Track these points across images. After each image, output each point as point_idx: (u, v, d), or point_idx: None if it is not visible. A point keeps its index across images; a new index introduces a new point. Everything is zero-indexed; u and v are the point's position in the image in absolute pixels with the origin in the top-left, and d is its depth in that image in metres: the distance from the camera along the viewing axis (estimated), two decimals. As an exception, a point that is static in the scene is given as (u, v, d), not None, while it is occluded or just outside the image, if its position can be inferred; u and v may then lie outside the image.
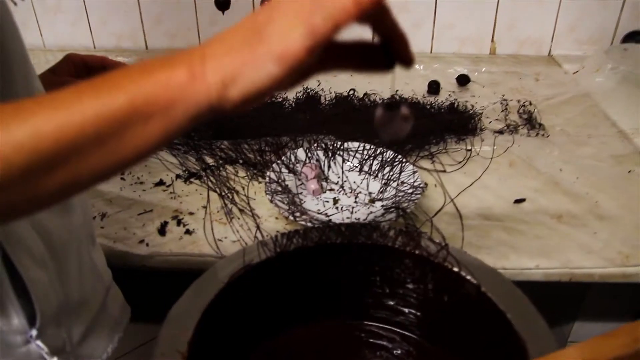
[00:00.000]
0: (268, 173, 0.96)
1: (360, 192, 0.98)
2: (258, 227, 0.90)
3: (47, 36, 1.61)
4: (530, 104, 1.31)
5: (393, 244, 0.69)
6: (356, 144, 1.04)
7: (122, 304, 0.77)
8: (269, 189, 0.92)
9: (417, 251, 0.68)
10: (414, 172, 0.96)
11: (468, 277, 0.64)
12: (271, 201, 0.89)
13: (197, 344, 0.57)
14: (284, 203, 0.89)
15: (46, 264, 0.59)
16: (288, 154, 1.02)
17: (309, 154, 1.02)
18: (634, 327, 0.47)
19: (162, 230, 0.91)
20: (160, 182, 1.03)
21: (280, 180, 0.95)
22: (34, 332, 0.58)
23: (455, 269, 0.65)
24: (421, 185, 0.93)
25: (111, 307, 0.74)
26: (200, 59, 0.39)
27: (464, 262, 0.66)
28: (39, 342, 0.59)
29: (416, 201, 0.89)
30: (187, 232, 0.91)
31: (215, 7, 1.19)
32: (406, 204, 0.89)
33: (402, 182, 0.95)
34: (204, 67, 0.38)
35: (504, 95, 1.37)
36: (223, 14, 1.21)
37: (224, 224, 0.92)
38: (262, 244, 0.68)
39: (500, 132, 1.20)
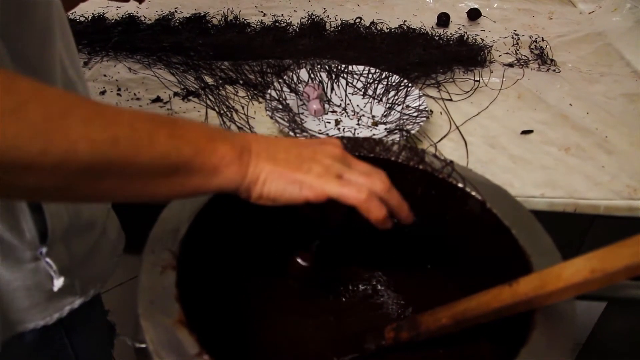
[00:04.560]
0: (269, 91, 0.93)
1: (363, 115, 0.94)
2: (256, 145, 0.87)
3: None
4: (543, 40, 1.26)
5: (396, 159, 0.66)
6: (361, 68, 1.00)
7: (119, 229, 0.77)
8: (269, 106, 0.89)
9: (420, 166, 0.65)
10: (420, 97, 0.93)
11: (473, 193, 0.62)
12: (271, 117, 0.86)
13: (188, 245, 0.55)
14: (284, 120, 0.86)
15: None
16: (290, 74, 0.99)
17: (312, 75, 0.98)
18: (645, 236, 0.45)
19: (157, 145, 0.88)
20: (158, 99, 1.00)
21: (281, 99, 0.92)
22: (44, 249, 0.57)
23: (460, 185, 0.63)
24: (426, 109, 0.90)
25: (110, 231, 0.73)
26: (248, 152, 0.45)
27: (469, 179, 0.63)
28: (48, 260, 0.58)
29: (421, 124, 0.86)
30: (184, 147, 0.88)
31: None
32: (410, 127, 0.86)
33: (407, 106, 0.92)
34: (250, 160, 0.45)
35: (515, 31, 1.32)
36: None
37: (221, 140, 0.89)
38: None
39: (510, 65, 1.16)
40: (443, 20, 1.34)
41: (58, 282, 0.59)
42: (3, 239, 0.54)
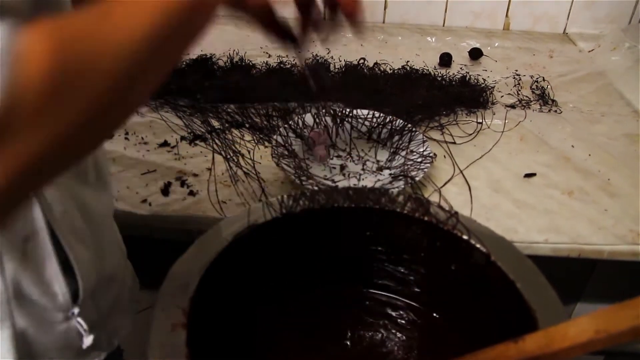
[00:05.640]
0: (275, 137, 0.94)
1: (368, 160, 0.96)
2: (263, 191, 0.88)
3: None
4: (544, 79, 1.28)
5: (402, 210, 0.67)
6: (365, 112, 1.02)
7: (133, 275, 0.77)
8: (276, 152, 0.90)
9: (426, 218, 0.66)
10: (424, 142, 0.94)
11: (477, 246, 0.63)
12: (277, 164, 0.87)
13: (198, 301, 0.55)
14: (290, 167, 0.88)
15: (87, 241, 0.59)
16: (296, 118, 1.00)
17: (317, 120, 1.00)
18: (650, 297, 0.46)
19: (165, 191, 0.89)
20: (165, 143, 1.02)
21: (287, 145, 0.93)
22: (75, 310, 0.58)
23: (465, 237, 0.64)
24: (430, 155, 0.91)
25: (127, 279, 0.74)
26: None
27: (474, 231, 0.64)
28: (79, 319, 0.59)
29: (425, 170, 0.87)
30: (191, 193, 0.89)
31: None
32: (415, 173, 0.87)
33: (411, 151, 0.93)
34: None
35: (516, 71, 1.34)
36: None
37: (228, 186, 0.90)
38: (268, 205, 0.66)
39: (512, 106, 1.18)
40: (445, 60, 1.36)
41: (87, 340, 0.60)
42: (37, 303, 0.55)
